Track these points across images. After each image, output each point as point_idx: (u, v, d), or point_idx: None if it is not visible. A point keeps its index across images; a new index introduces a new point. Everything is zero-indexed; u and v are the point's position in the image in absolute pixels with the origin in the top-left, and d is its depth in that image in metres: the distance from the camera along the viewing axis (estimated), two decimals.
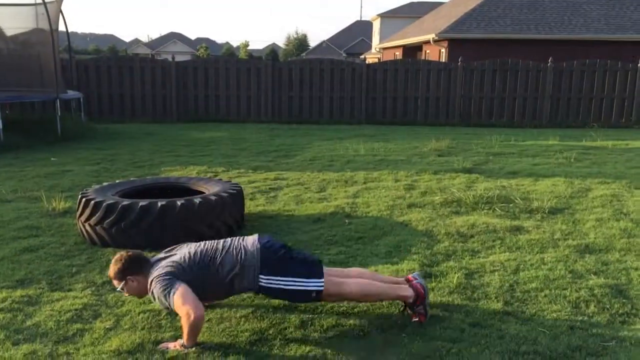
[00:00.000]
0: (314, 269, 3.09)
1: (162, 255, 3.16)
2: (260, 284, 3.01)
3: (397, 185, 6.66)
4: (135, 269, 3.02)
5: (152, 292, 2.93)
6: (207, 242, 3.19)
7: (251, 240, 3.14)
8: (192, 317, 2.80)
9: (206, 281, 2.99)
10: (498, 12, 18.78)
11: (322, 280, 3.05)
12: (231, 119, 14.03)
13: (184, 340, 2.87)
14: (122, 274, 3.01)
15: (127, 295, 3.14)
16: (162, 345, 2.91)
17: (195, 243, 3.20)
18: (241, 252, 3.06)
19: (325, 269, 3.17)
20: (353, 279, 3.20)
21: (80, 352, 2.84)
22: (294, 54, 61.13)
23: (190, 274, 2.95)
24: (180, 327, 2.95)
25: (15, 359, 2.76)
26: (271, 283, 3.01)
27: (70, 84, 13.07)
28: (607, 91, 14.04)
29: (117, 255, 3.08)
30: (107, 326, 3.12)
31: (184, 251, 3.10)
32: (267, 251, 3.08)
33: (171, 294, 2.84)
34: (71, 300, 3.44)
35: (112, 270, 3.05)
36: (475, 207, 5.59)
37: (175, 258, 3.05)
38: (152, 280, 2.94)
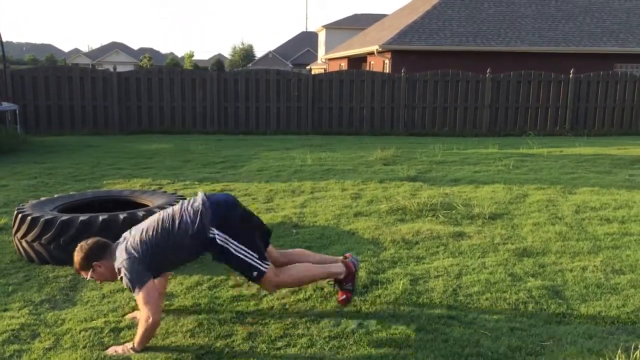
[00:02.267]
0: (261, 249, 3.20)
1: (121, 239, 3.15)
2: (214, 238, 3.06)
3: (344, 195, 6.73)
4: (99, 254, 3.05)
5: (122, 280, 3.00)
6: (158, 214, 3.21)
7: (201, 198, 3.19)
8: (149, 321, 2.88)
9: (169, 251, 3.07)
10: (439, 25, 19.34)
11: (268, 264, 3.16)
12: (176, 130, 13.81)
13: (134, 342, 2.91)
14: (86, 262, 3.03)
15: (99, 282, 3.22)
16: (111, 349, 2.92)
17: (148, 220, 3.21)
18: (192, 213, 3.11)
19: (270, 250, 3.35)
20: (288, 269, 3.31)
21: None
22: (240, 65, 60.86)
23: (154, 251, 3.02)
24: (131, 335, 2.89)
25: None
26: (224, 242, 3.07)
27: (5, 96, 12.54)
28: (542, 100, 14.68)
29: (77, 247, 3.08)
30: (46, 346, 3.00)
31: (140, 230, 3.12)
32: (222, 206, 3.16)
33: (136, 288, 2.94)
34: (7, 321, 3.30)
35: (76, 261, 3.05)
36: (419, 215, 5.72)
37: (136, 239, 3.05)
38: (119, 269, 2.99)
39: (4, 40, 12.39)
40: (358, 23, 38.18)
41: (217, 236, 3.07)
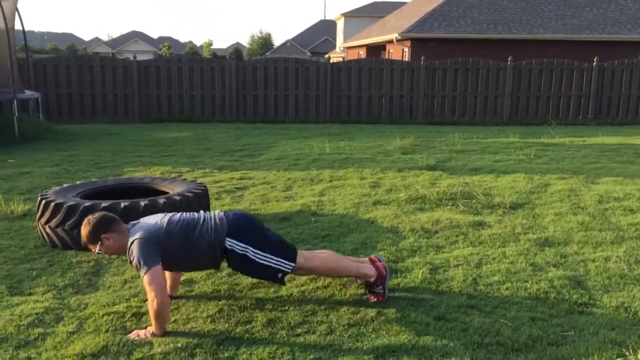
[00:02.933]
0: (288, 251, 3.24)
1: (136, 221, 3.19)
2: (232, 248, 3.11)
3: (363, 183, 6.71)
4: (106, 226, 3.07)
5: (130, 255, 3.00)
6: (181, 214, 3.26)
7: (219, 213, 3.29)
8: (155, 303, 2.90)
9: (184, 249, 3.10)
10: (459, 12, 19.10)
11: (293, 264, 3.20)
12: (195, 118, 13.88)
13: (152, 328, 2.95)
14: (94, 235, 3.05)
15: (107, 256, 3.23)
16: (133, 333, 2.97)
17: (170, 214, 3.25)
18: (214, 221, 3.19)
19: (299, 251, 3.35)
20: (319, 255, 3.39)
21: (42, 356, 2.78)
22: (258, 53, 60.87)
23: (170, 244, 3.05)
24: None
25: None
26: (242, 250, 3.12)
27: (28, 84, 12.71)
28: (564, 89, 14.44)
29: (84, 221, 3.11)
30: (70, 330, 3.06)
31: (161, 218, 3.17)
32: (238, 219, 3.23)
33: (143, 269, 2.94)
34: (32, 305, 3.36)
35: (84, 235, 3.07)
36: (439, 204, 5.68)
37: (156, 225, 3.09)
38: (133, 241, 3.00)
39: (26, 29, 12.52)
40: (377, 11, 37.82)
41: (235, 246, 3.12)
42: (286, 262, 3.20)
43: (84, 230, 3.07)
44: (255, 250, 3.14)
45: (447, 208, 5.54)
